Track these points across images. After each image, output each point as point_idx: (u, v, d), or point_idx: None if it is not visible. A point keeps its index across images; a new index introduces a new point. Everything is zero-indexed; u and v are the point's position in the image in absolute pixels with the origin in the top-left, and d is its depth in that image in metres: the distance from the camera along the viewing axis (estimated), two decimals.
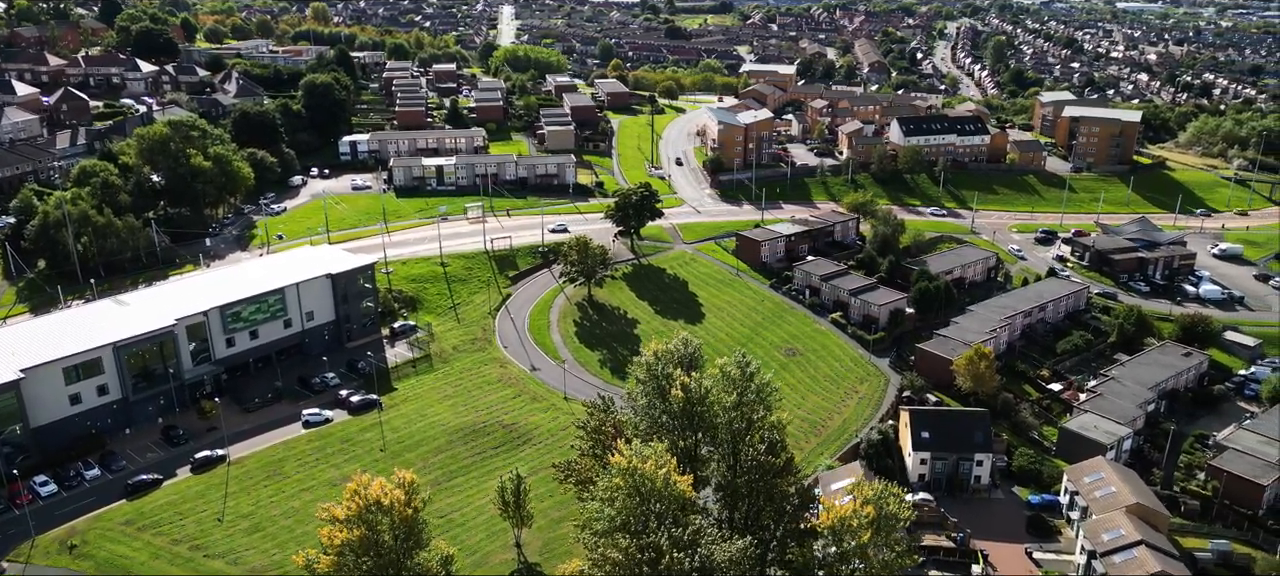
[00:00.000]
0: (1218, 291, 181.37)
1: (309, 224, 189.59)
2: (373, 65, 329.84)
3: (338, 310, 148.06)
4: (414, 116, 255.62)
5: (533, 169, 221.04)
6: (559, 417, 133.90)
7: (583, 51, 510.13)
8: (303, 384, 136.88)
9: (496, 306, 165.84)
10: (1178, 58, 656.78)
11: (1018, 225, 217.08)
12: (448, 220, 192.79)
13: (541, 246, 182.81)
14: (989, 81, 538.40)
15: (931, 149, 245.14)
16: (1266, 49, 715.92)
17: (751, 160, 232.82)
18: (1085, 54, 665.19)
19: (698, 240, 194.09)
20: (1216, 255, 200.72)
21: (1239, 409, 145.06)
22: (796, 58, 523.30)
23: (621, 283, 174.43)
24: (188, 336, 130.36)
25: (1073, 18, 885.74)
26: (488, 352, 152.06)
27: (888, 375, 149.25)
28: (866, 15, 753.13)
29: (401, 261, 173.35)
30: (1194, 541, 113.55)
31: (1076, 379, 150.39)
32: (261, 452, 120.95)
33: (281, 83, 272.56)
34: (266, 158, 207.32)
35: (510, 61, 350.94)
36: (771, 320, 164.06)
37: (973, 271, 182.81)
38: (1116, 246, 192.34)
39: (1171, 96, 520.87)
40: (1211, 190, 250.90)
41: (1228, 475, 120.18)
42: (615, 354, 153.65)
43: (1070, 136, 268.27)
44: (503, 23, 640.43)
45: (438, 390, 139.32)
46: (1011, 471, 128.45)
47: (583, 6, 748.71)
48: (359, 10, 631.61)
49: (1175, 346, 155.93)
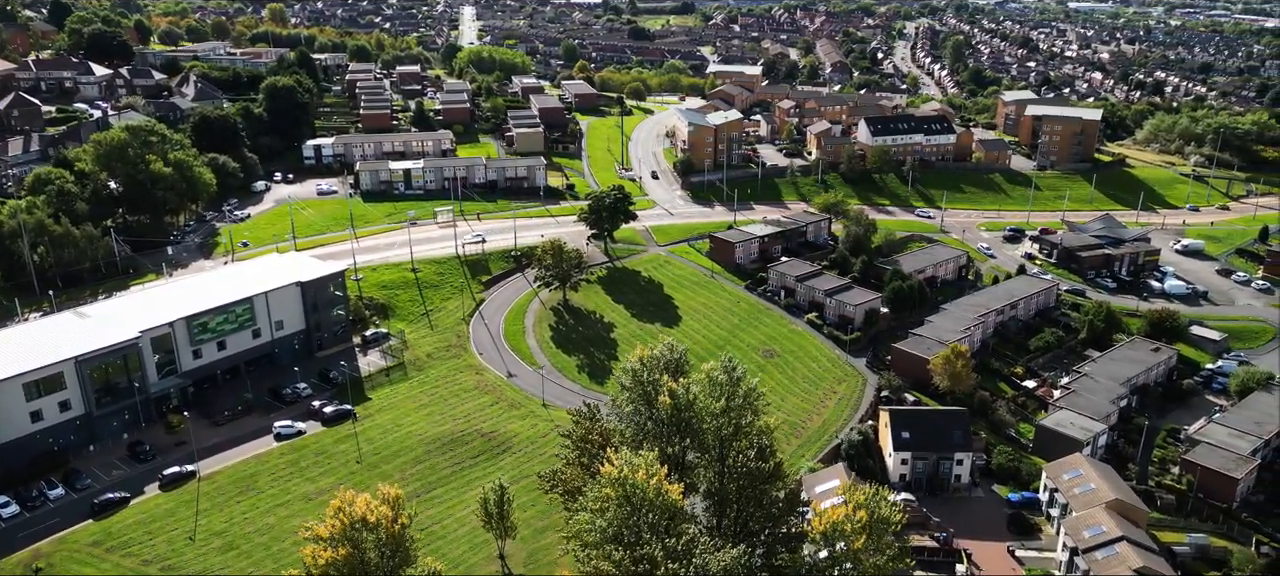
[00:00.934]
0: (1182, 287, 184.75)
1: (274, 230, 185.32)
2: (335, 67, 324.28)
3: (308, 319, 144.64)
4: (379, 119, 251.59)
5: (502, 172, 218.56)
6: (538, 425, 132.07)
7: (546, 52, 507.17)
8: (274, 395, 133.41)
9: (470, 312, 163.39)
10: (1130, 56, 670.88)
11: (986, 223, 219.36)
12: (417, 224, 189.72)
13: (514, 250, 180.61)
14: (949, 80, 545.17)
15: (899, 148, 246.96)
16: (1214, 47, 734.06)
17: (722, 161, 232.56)
18: (1041, 53, 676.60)
19: (671, 242, 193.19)
20: (1179, 251, 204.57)
21: (1208, 402, 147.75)
22: (759, 58, 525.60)
23: (597, 286, 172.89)
24: (153, 348, 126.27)
25: (1027, 17, 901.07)
26: (463, 359, 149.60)
27: (865, 375, 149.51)
28: (827, 16, 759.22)
29: (371, 268, 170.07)
30: (1171, 536, 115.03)
31: (1050, 376, 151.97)
32: (233, 467, 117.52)
33: (241, 85, 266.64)
34: (228, 163, 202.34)
35: (475, 63, 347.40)
36: (748, 322, 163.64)
37: (944, 270, 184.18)
38: (1083, 244, 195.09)
39: (1125, 94, 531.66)
40: (1170, 187, 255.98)
41: (1202, 469, 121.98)
42: (593, 359, 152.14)
43: (1033, 135, 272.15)
44: (464, 24, 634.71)
45: (413, 399, 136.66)
46: (990, 469, 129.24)
47: (545, 7, 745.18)
48: (316, 11, 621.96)
49: (1144, 342, 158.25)
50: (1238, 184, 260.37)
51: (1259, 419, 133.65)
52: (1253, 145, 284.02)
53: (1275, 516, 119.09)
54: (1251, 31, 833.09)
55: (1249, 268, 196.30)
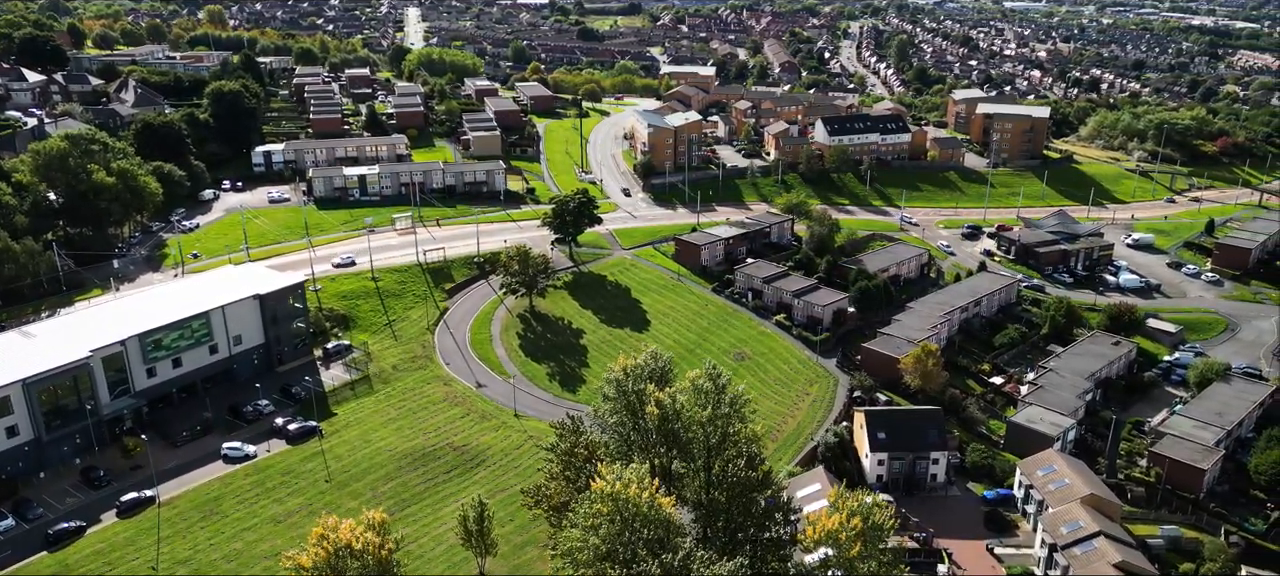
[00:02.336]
0: (1136, 280, 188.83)
1: (226, 241, 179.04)
2: (281, 71, 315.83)
3: (267, 332, 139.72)
4: (330, 124, 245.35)
5: (461, 176, 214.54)
6: (511, 436, 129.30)
7: (495, 54, 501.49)
8: (234, 413, 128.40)
9: (435, 321, 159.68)
10: (1066, 54, 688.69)
11: (944, 221, 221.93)
12: (375, 232, 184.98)
13: (477, 256, 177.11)
14: (895, 79, 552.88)
15: (856, 148, 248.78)
16: (1145, 45, 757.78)
17: (682, 163, 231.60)
18: (981, 51, 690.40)
19: (636, 245, 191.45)
20: (1130, 245, 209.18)
21: (1168, 394, 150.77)
22: (709, 59, 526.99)
23: (563, 292, 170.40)
24: (104, 368, 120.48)
25: (966, 16, 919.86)
26: (429, 370, 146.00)
27: (836, 375, 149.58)
28: (773, 16, 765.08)
29: (329, 277, 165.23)
30: (1144, 528, 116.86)
31: (1016, 372, 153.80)
32: (195, 490, 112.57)
33: (183, 91, 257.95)
34: (174, 171, 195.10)
35: (426, 65, 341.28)
36: (717, 324, 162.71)
37: (907, 268, 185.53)
38: (1040, 240, 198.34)
39: (1063, 91, 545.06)
40: (1116, 182, 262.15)
41: (1170, 461, 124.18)
42: (563, 366, 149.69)
43: (985, 133, 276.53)
44: (409, 25, 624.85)
45: (380, 413, 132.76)
46: (965, 467, 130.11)
47: (491, 8, 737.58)
48: (255, 13, 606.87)
49: (1104, 335, 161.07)
50: (1180, 178, 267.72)
51: (1219, 409, 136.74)
52: (1192, 140, 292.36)
53: (1241, 506, 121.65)
54: (1180, 28, 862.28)
55: (1198, 260, 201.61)
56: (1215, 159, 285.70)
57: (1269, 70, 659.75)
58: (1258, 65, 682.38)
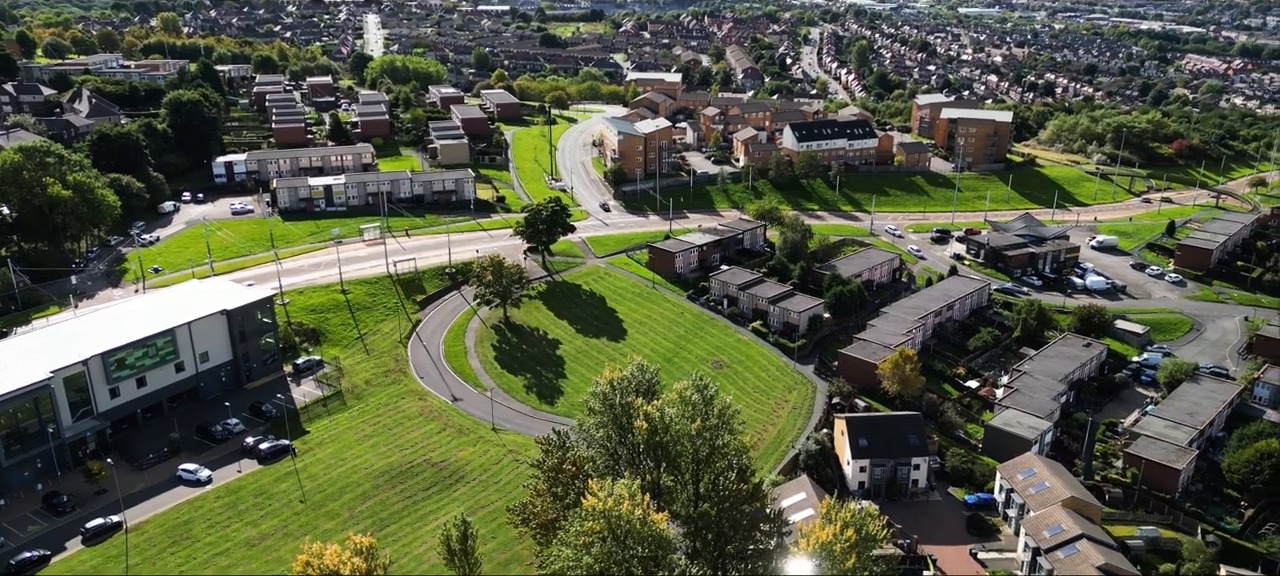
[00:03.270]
0: (1102, 282, 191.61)
1: (188, 254, 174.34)
2: (240, 79, 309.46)
3: (235, 349, 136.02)
4: (293, 133, 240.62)
5: (429, 185, 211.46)
6: (490, 450, 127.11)
7: (457, 61, 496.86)
8: (202, 433, 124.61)
9: (407, 334, 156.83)
10: (1021, 59, 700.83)
11: (913, 225, 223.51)
12: (343, 243, 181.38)
13: (449, 267, 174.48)
14: (856, 84, 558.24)
15: (824, 153, 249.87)
16: (1097, 49, 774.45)
17: (652, 170, 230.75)
18: (939, 56, 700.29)
19: (609, 253, 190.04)
20: (1094, 247, 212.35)
21: (1139, 395, 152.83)
22: (672, 65, 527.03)
23: (538, 302, 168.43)
24: (65, 389, 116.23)
25: (922, 22, 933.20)
26: (403, 384, 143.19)
27: (814, 382, 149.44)
28: (734, 22, 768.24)
29: (298, 291, 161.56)
30: (1123, 529, 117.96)
31: (990, 375, 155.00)
32: (163, 515, 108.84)
33: (139, 100, 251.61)
34: (132, 183, 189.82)
35: (389, 73, 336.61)
36: (694, 332, 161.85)
37: (879, 273, 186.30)
38: (1008, 243, 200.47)
39: (1020, 95, 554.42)
40: (1078, 185, 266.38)
41: (1146, 462, 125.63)
42: (540, 378, 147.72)
43: (949, 137, 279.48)
44: (369, 32, 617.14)
45: (355, 430, 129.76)
46: (945, 472, 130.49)
47: (452, 15, 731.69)
48: (211, 21, 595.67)
49: (1075, 337, 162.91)
50: (1139, 181, 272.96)
51: (1190, 409, 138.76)
52: (1149, 143, 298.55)
53: (1215, 505, 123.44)
54: (1129, 33, 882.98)
55: (1160, 261, 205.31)
56: (1171, 161, 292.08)
57: (1216, 73, 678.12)
58: (1205, 69, 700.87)
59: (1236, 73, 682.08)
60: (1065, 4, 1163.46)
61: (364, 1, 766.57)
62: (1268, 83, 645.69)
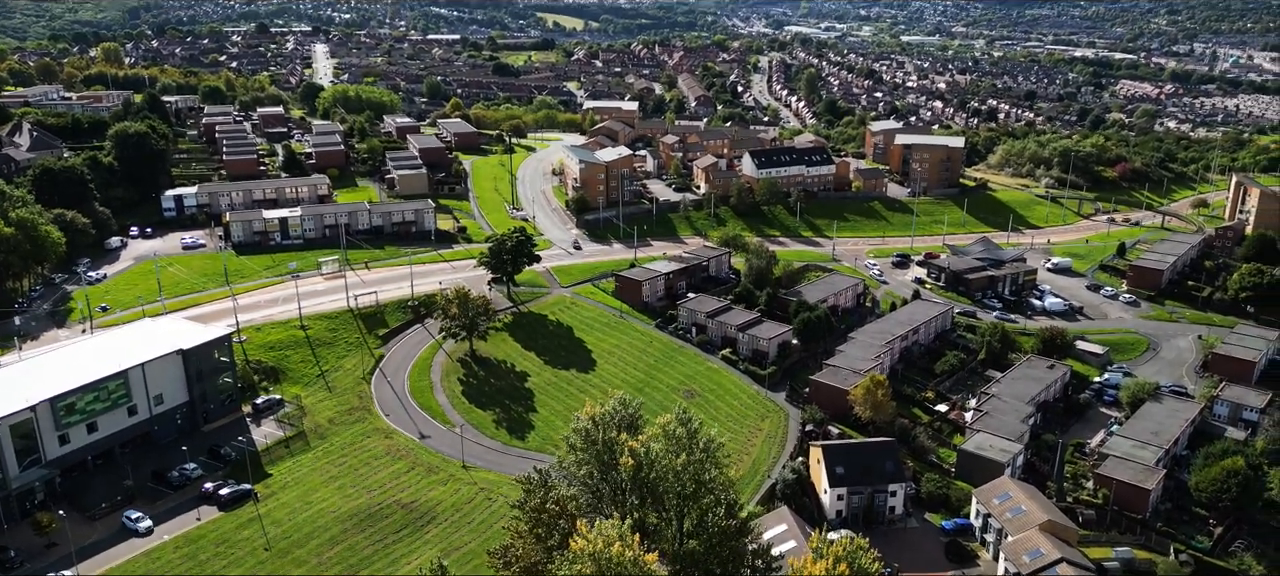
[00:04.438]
0: (1061, 303, 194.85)
1: (137, 291, 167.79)
2: (188, 110, 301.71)
3: (191, 390, 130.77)
4: (245, 165, 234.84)
5: (388, 216, 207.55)
6: (461, 489, 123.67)
7: (409, 90, 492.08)
8: (157, 479, 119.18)
9: (370, 370, 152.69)
10: (964, 85, 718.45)
11: (873, 250, 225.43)
12: (301, 277, 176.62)
13: (412, 300, 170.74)
14: (806, 112, 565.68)
15: (784, 180, 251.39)
16: (1035, 76, 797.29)
17: (614, 198, 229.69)
18: (885, 84, 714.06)
19: (575, 283, 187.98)
20: (1050, 269, 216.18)
21: (1102, 415, 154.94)
22: (626, 93, 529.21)
23: (504, 333, 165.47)
24: (11, 436, 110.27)
25: (868, 50, 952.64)
26: (368, 422, 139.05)
27: (786, 409, 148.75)
28: (685, 51, 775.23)
29: (255, 327, 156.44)
30: (1097, 551, 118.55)
31: (958, 398, 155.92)
32: (118, 568, 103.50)
33: (82, 133, 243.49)
34: (77, 219, 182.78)
35: (342, 102, 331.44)
36: (664, 361, 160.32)
37: (844, 298, 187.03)
38: (969, 266, 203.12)
39: (965, 121, 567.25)
40: (1029, 208, 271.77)
41: (1116, 482, 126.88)
42: (510, 412, 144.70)
43: (904, 163, 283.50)
44: (318, 61, 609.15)
45: (319, 471, 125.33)
46: (920, 498, 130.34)
47: (402, 44, 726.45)
48: (153, 51, 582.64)
49: (1039, 359, 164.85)
50: (1087, 204, 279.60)
51: (1155, 429, 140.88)
52: (1094, 166, 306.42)
53: (1185, 524, 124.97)
54: (1065, 60, 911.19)
55: (1114, 282, 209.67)
56: (1115, 184, 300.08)
57: (1149, 98, 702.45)
58: (1139, 93, 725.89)
59: (1168, 97, 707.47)
60: (1002, 32, 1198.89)
61: (311, 31, 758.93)
62: (1198, 106, 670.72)
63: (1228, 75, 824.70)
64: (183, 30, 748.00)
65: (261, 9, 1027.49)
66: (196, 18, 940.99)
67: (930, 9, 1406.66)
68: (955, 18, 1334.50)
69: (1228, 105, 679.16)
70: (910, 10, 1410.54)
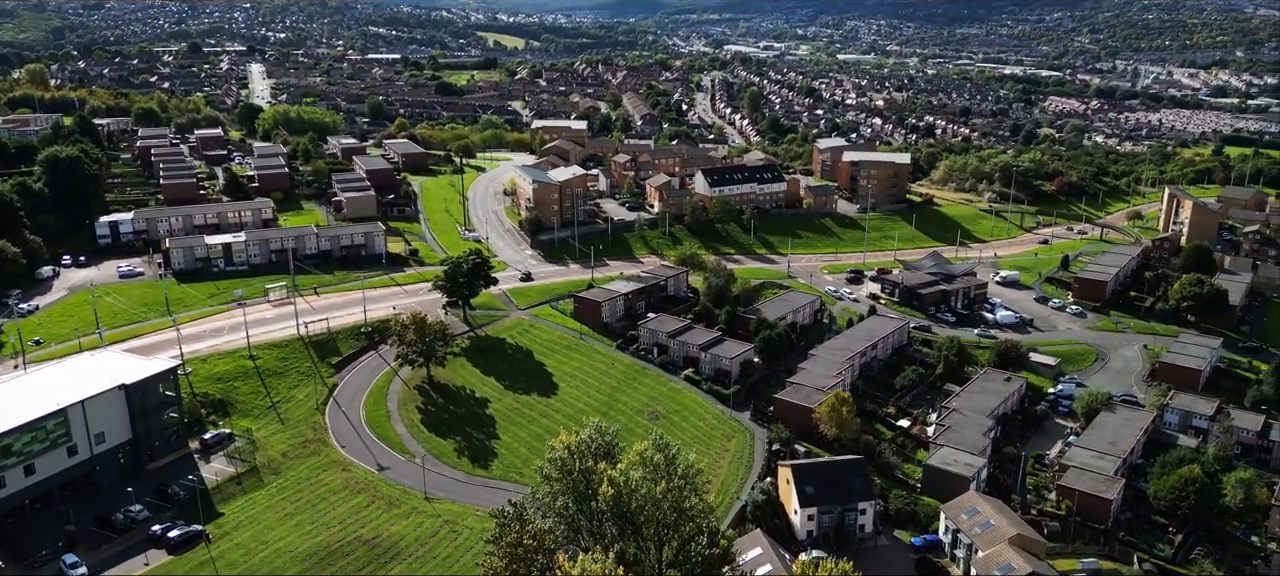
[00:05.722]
0: (1011, 316, 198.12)
1: (73, 323, 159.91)
2: (121, 133, 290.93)
3: (135, 427, 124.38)
4: (184, 189, 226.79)
5: (337, 240, 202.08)
6: (425, 522, 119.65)
7: (350, 110, 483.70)
8: (101, 523, 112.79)
9: (324, 400, 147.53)
10: (901, 102, 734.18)
11: (827, 266, 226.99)
12: (247, 305, 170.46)
13: (365, 326, 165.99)
14: (750, 129, 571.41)
15: (737, 198, 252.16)
16: (968, 93, 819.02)
17: (569, 218, 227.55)
18: (825, 101, 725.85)
19: (532, 305, 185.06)
20: (999, 282, 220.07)
21: (1059, 426, 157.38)
22: (571, 112, 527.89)
23: (462, 358, 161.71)
24: None
25: (806, 68, 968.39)
26: (324, 455, 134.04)
27: (751, 429, 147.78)
28: (628, 70, 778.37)
29: (200, 358, 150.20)
30: (1064, 563, 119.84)
31: (919, 412, 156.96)
32: None
33: (9, 158, 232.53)
34: (7, 248, 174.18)
35: (283, 123, 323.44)
36: (626, 383, 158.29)
37: (802, 315, 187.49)
38: (921, 281, 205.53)
39: (903, 137, 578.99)
40: (974, 222, 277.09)
41: (1079, 493, 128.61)
42: (471, 440, 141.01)
43: (852, 179, 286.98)
44: (254, 82, 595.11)
45: (275, 509, 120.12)
46: (889, 515, 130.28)
47: (341, 64, 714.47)
48: (80, 72, 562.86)
49: (996, 372, 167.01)
50: (1029, 217, 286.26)
51: (1111, 438, 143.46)
52: (1033, 181, 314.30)
53: (1145, 532, 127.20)
54: (996, 78, 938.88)
55: (1060, 294, 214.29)
56: (1054, 197, 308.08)
57: (1077, 114, 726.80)
58: (1066, 109, 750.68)
59: (1094, 113, 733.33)
60: (934, 50, 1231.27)
61: (246, 50, 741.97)
62: (1123, 121, 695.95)
63: (1149, 91, 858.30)
64: (111, 50, 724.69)
65: (192, 28, 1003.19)
66: (124, 38, 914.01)
67: (865, 28, 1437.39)
68: (889, 37, 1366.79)
69: (1151, 120, 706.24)
70: (845, 30, 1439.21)
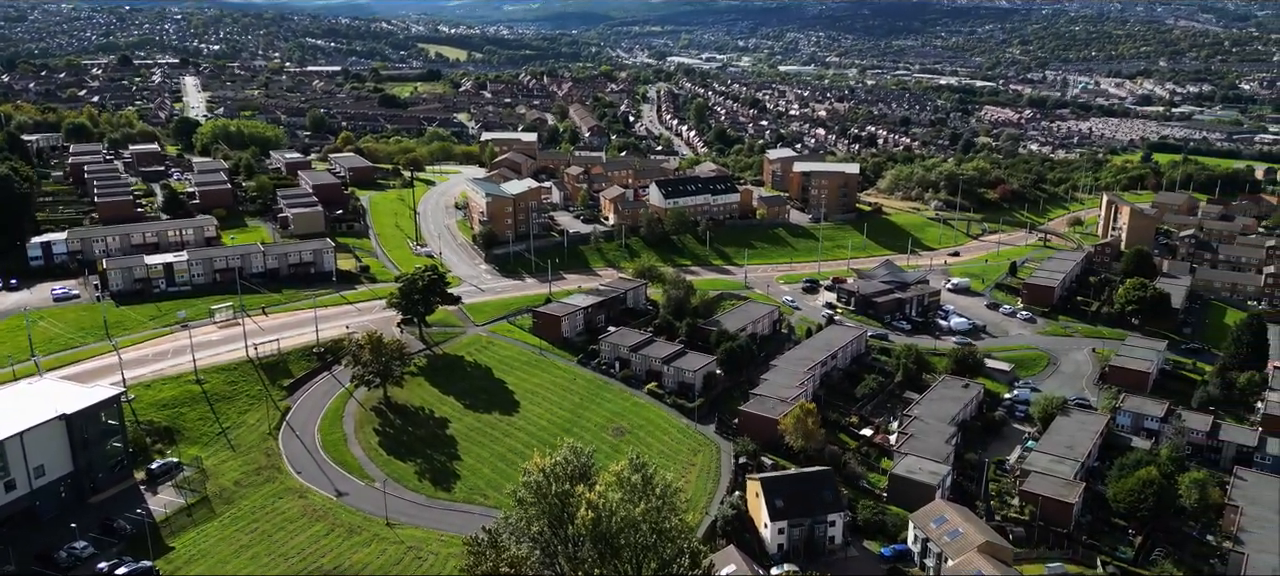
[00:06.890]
0: (965, 323, 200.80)
1: (6, 350, 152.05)
2: (50, 149, 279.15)
3: (77, 458, 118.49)
4: (120, 207, 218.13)
5: (284, 258, 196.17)
6: (387, 549, 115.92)
7: (291, 123, 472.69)
8: (43, 561, 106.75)
9: (277, 424, 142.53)
10: (843, 113, 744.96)
11: (783, 276, 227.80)
12: (191, 327, 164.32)
13: (317, 346, 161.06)
14: (697, 141, 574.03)
15: (691, 209, 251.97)
16: (907, 103, 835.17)
17: (523, 231, 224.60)
18: (769, 112, 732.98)
19: (489, 321, 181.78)
20: (951, 289, 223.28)
21: (1016, 431, 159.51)
22: (518, 123, 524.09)
23: (420, 378, 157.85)
24: None
25: (749, 80, 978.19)
26: (279, 482, 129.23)
27: (716, 442, 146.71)
28: (573, 81, 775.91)
29: (144, 384, 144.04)
30: (1031, 568, 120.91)
31: (881, 421, 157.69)
32: None
33: None
34: None
35: (223, 138, 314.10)
36: (589, 399, 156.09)
37: (762, 326, 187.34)
38: (877, 290, 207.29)
39: (846, 147, 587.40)
40: (923, 230, 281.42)
41: (1042, 498, 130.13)
42: (432, 462, 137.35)
43: (803, 190, 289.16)
44: (189, 95, 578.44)
45: (229, 541, 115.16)
46: (857, 525, 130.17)
47: (280, 76, 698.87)
48: (3, 86, 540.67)
49: (954, 379, 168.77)
50: (975, 224, 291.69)
51: (1069, 442, 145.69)
52: (977, 189, 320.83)
53: (1106, 534, 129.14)
54: (932, 88, 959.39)
55: (1010, 300, 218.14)
56: (997, 205, 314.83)
57: (1012, 123, 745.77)
58: (1001, 118, 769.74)
59: (1028, 122, 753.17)
60: (873, 61, 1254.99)
61: (179, 62, 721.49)
62: (1056, 130, 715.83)
63: (1079, 100, 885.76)
64: (36, 63, 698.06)
65: (122, 40, 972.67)
66: (50, 50, 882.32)
67: (804, 39, 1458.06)
68: (828, 48, 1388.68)
69: (1082, 128, 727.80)
70: (786, 41, 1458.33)
